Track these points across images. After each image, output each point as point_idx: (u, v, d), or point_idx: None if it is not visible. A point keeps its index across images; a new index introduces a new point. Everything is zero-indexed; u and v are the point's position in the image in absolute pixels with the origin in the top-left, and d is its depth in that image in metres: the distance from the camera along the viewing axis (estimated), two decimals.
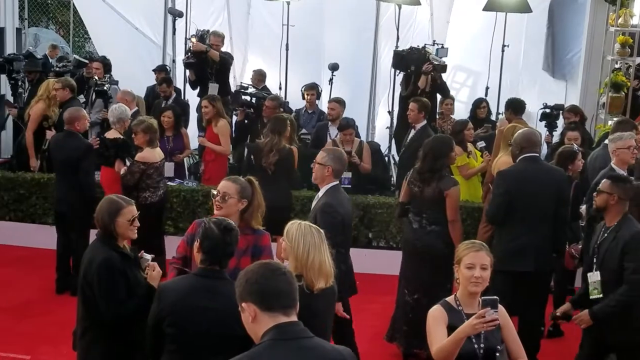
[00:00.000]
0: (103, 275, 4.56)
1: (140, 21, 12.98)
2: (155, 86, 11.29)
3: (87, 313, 4.70)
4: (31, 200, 9.46)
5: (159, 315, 4.14)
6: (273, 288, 3.02)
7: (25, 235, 9.39)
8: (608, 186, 5.57)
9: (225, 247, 4.16)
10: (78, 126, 7.97)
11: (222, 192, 4.95)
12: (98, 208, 4.77)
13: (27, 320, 7.49)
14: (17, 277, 8.56)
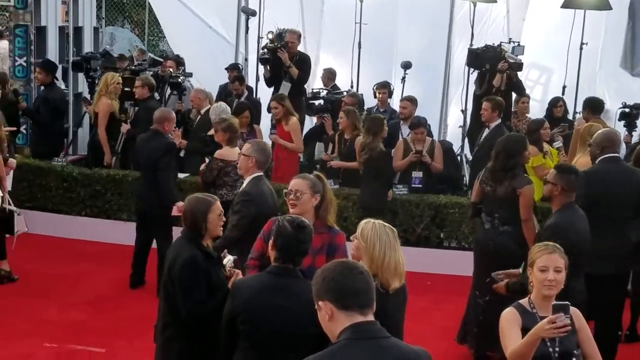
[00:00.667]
0: (186, 273, 4.59)
1: (214, 20, 13.10)
2: (228, 84, 11.37)
3: (168, 309, 4.74)
4: (106, 197, 9.63)
5: (232, 312, 4.15)
6: (350, 287, 2.98)
7: (100, 230, 9.56)
8: (553, 177, 5.71)
9: (298, 244, 4.15)
10: (167, 127, 8.02)
11: (294, 190, 4.95)
12: (186, 206, 4.81)
13: (102, 314, 7.62)
14: (92, 272, 8.72)
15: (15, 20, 10.52)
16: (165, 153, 7.99)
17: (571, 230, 5.49)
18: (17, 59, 10.71)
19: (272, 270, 4.18)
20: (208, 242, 4.83)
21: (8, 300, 7.74)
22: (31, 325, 7.25)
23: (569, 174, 5.72)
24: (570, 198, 5.69)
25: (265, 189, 6.06)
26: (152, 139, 8.04)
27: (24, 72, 10.73)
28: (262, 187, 6.04)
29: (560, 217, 5.64)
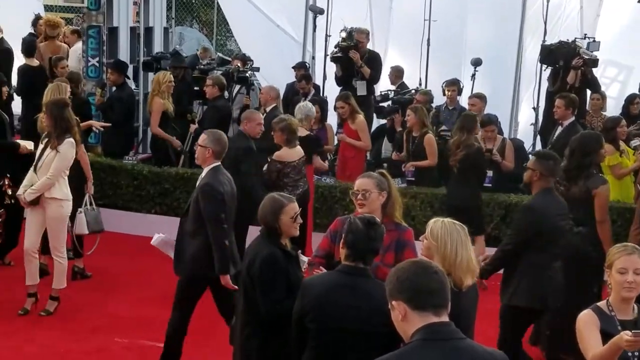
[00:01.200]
0: (265, 271, 4.61)
1: (282, 18, 13.13)
2: (295, 83, 11.38)
3: (247, 307, 4.76)
4: (175, 194, 9.72)
5: (301, 310, 4.14)
6: (424, 287, 2.92)
7: (169, 228, 9.62)
8: (532, 163, 5.98)
9: (369, 242, 4.10)
10: (246, 126, 7.98)
11: (361, 189, 4.90)
12: (261, 206, 4.84)
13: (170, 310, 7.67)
14: (162, 268, 8.76)
15: (88, 22, 10.71)
16: (245, 157, 7.93)
17: (538, 213, 5.73)
18: (89, 59, 10.89)
19: (342, 269, 4.14)
20: (286, 241, 4.84)
21: (81, 296, 7.86)
22: (103, 321, 7.36)
23: (547, 159, 5.95)
24: (549, 183, 5.91)
25: (224, 178, 6.15)
26: (233, 139, 8.00)
27: (96, 72, 10.92)
28: (220, 176, 6.11)
29: (534, 200, 5.94)
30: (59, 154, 7.06)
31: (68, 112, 7.16)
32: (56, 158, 7.06)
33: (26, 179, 7.25)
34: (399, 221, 5.01)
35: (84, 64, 11.02)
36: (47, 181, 7.06)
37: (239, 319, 4.87)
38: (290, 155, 7.94)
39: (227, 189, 6.10)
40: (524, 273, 5.80)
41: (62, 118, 7.06)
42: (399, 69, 11.88)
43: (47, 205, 7.14)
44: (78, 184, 7.77)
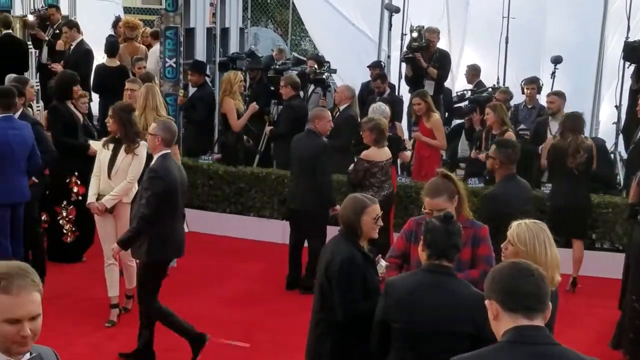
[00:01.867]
0: (344, 272, 4.59)
1: (357, 17, 13.08)
2: (370, 82, 11.31)
3: (321, 307, 4.76)
4: (250, 194, 9.77)
5: (385, 310, 4.12)
6: (518, 288, 2.88)
7: (244, 227, 9.72)
8: (493, 151, 6.23)
9: (449, 237, 4.07)
10: (318, 125, 7.96)
11: (436, 210, 4.74)
12: (342, 206, 4.83)
13: (247, 309, 7.71)
14: (237, 267, 8.87)
15: (166, 23, 10.83)
16: (321, 155, 7.92)
17: (500, 200, 5.90)
18: (167, 60, 11.00)
19: (426, 268, 4.12)
20: (364, 243, 4.80)
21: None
22: None
23: (507, 147, 6.20)
24: (510, 170, 6.17)
25: (172, 165, 6.28)
26: (305, 138, 8.04)
27: (173, 73, 11.03)
28: (169, 163, 6.23)
29: (497, 188, 6.17)
30: (137, 157, 7.10)
31: (135, 117, 7.23)
32: (134, 162, 7.10)
33: (93, 186, 7.22)
34: (472, 218, 4.97)
35: (162, 65, 11.16)
36: (128, 185, 7.11)
37: (313, 318, 4.86)
38: (379, 155, 7.87)
39: (174, 176, 6.25)
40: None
41: (130, 123, 7.10)
42: (476, 67, 11.69)
43: (123, 211, 7.13)
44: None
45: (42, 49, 12.28)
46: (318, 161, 7.90)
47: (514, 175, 6.22)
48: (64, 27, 11.63)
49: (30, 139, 7.42)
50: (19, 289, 2.57)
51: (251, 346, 6.91)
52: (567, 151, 8.05)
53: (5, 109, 7.28)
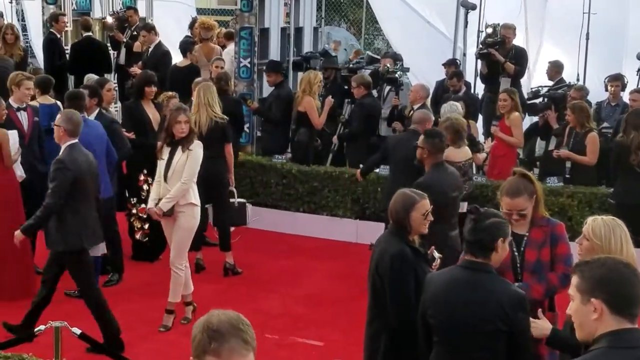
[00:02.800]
0: (395, 268, 4.57)
1: (432, 15, 12.92)
2: (445, 80, 11.16)
3: (375, 302, 4.75)
4: (324, 193, 9.73)
5: (423, 305, 4.13)
6: (628, 292, 2.84)
7: (317, 226, 9.68)
8: (421, 141, 6.53)
9: (474, 232, 3.99)
10: (427, 127, 7.71)
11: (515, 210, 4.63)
12: (392, 201, 4.78)
13: (321, 308, 7.68)
14: (310, 266, 8.84)
15: (241, 23, 10.89)
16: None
17: (433, 187, 5.96)
18: (241, 60, 11.08)
19: (463, 264, 4.09)
20: (414, 238, 4.77)
21: (232, 292, 8.00)
22: (253, 317, 7.32)
23: (434, 137, 6.48)
24: (438, 159, 6.47)
25: (79, 154, 6.38)
26: (409, 139, 7.72)
27: (247, 73, 11.10)
28: (75, 153, 6.35)
29: (429, 176, 6.41)
30: (191, 156, 6.90)
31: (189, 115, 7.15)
32: (188, 161, 6.88)
33: (153, 191, 7.14)
34: (548, 216, 4.84)
35: (236, 65, 11.23)
36: (183, 186, 6.88)
37: (368, 314, 4.86)
38: (456, 156, 7.70)
39: (81, 166, 6.34)
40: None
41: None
42: (559, 64, 11.38)
43: (180, 214, 6.94)
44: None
45: (120, 51, 12.51)
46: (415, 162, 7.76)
47: (442, 162, 6.58)
48: (142, 31, 11.82)
49: (104, 137, 7.58)
50: (231, 352, 2.39)
51: (324, 345, 6.87)
52: (629, 148, 7.85)
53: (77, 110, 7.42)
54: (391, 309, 4.56)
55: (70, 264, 6.54)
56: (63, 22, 11.56)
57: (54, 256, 6.55)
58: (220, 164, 8.28)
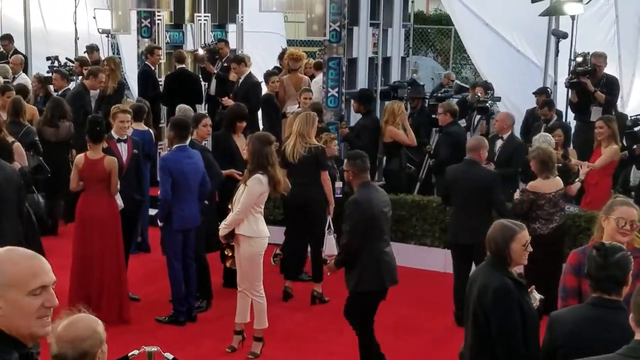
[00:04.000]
0: (499, 302, 4.48)
1: (522, 43, 12.81)
2: (535, 109, 11.02)
3: (478, 339, 4.63)
4: (411, 222, 9.68)
5: (551, 344, 4.01)
6: None
7: (404, 255, 9.60)
8: (345, 164, 6.82)
9: (602, 269, 3.88)
10: (482, 154, 7.79)
11: (629, 219, 4.58)
12: (490, 233, 4.69)
13: (406, 336, 7.64)
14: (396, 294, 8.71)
15: (329, 54, 11.02)
16: (495, 184, 7.68)
17: (363, 203, 6.42)
18: (329, 89, 11.20)
19: (591, 302, 3.96)
20: (513, 270, 4.66)
21: (319, 321, 8.01)
22: (339, 346, 7.42)
23: (355, 159, 6.66)
24: (363, 178, 6.64)
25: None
26: (469, 169, 7.77)
27: (335, 103, 11.21)
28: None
29: (358, 194, 6.58)
30: (247, 188, 6.91)
31: (269, 149, 7.03)
32: (244, 193, 6.93)
33: (226, 219, 7.23)
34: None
35: (324, 95, 11.36)
36: (235, 217, 6.96)
37: (468, 351, 4.73)
38: (546, 187, 7.58)
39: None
40: (364, 261, 6.49)
41: (260, 154, 6.92)
42: None
43: (239, 242, 7.04)
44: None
45: (211, 82, 12.80)
46: (492, 192, 7.65)
47: (368, 182, 6.79)
48: (232, 63, 12.08)
49: (202, 166, 7.74)
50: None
51: None
52: None
53: (181, 139, 7.67)
54: (498, 344, 4.47)
55: None
56: (158, 54, 11.91)
57: None
58: (314, 192, 8.33)
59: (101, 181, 7.69)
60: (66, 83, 11.72)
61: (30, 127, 9.51)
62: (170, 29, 12.73)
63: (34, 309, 2.56)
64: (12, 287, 2.55)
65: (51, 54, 13.82)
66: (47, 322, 2.63)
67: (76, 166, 7.71)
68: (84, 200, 7.77)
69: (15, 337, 2.58)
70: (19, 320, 2.56)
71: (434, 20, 19.76)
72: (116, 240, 7.83)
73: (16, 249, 2.70)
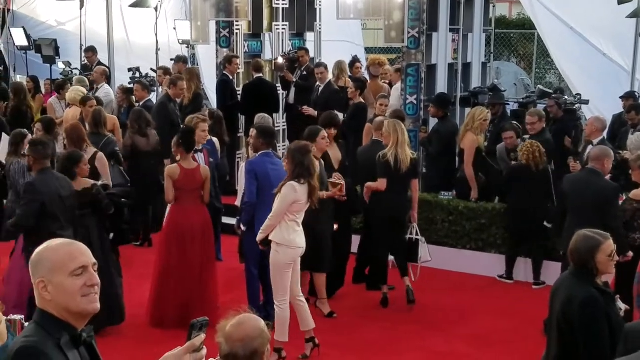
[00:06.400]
0: (587, 315, 4.39)
1: (608, 46, 12.41)
2: (622, 114, 10.65)
3: (563, 352, 4.53)
4: (491, 230, 9.44)
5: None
6: None
7: (485, 264, 9.40)
8: (27, 150, 7.25)
9: None
10: (606, 164, 7.43)
11: None
12: (574, 243, 4.61)
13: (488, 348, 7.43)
14: (477, 305, 8.56)
15: (408, 60, 10.88)
16: (613, 198, 7.35)
17: (43, 187, 6.83)
18: (407, 97, 11.07)
19: None
20: (599, 280, 4.55)
21: (399, 329, 7.88)
22: (420, 355, 7.31)
23: (37, 145, 7.08)
24: (44, 164, 7.01)
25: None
26: (589, 178, 7.42)
27: (414, 110, 11.06)
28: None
29: (35, 178, 7.00)
30: (280, 195, 6.83)
31: (310, 159, 6.92)
32: (277, 199, 6.87)
33: None
34: None
35: (402, 102, 11.22)
36: (267, 222, 6.93)
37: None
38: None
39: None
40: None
41: (302, 165, 6.83)
42: None
43: (271, 249, 6.97)
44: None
45: (290, 90, 12.83)
46: (609, 205, 7.28)
47: (48, 168, 7.07)
48: (320, 68, 12.07)
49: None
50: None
51: None
52: None
53: (267, 146, 7.69)
54: (584, 354, 4.36)
55: None
56: (236, 64, 11.98)
57: None
58: (404, 199, 8.33)
59: (195, 190, 7.75)
60: (147, 93, 11.90)
61: (111, 137, 9.66)
62: (249, 39, 12.80)
63: (77, 288, 2.79)
64: (56, 271, 2.79)
65: (132, 66, 14.11)
66: (93, 299, 2.83)
67: (170, 177, 7.64)
68: (178, 210, 7.74)
69: (65, 320, 2.80)
70: (67, 301, 2.79)
71: (517, 25, 19.35)
72: (212, 248, 7.95)
73: (56, 240, 2.97)
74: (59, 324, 2.77)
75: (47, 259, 2.83)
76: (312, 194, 6.86)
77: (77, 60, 15.13)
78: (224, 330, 3.22)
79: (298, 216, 6.91)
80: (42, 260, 2.83)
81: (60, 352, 2.72)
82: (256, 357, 3.15)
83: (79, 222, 7.16)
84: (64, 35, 16.58)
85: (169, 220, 7.85)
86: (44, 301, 2.80)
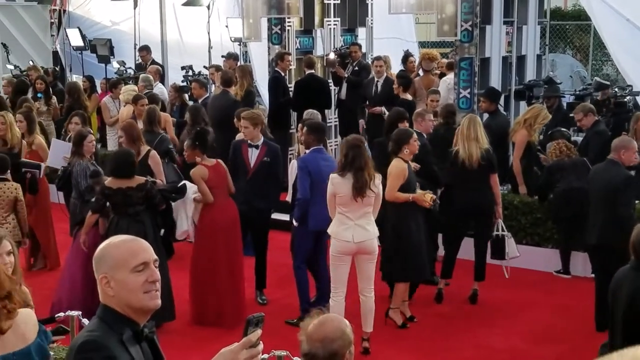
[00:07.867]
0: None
1: None
2: None
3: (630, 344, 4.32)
4: (547, 225, 9.29)
5: None
6: None
7: (542, 259, 9.26)
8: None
9: None
10: (623, 155, 7.38)
11: None
12: (634, 236, 4.55)
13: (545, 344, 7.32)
14: (535, 301, 8.44)
15: (461, 54, 10.76)
16: (626, 185, 7.32)
17: None
18: (461, 91, 10.95)
19: None
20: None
21: (454, 324, 7.81)
22: (475, 351, 7.23)
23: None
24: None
25: None
26: (609, 169, 7.42)
27: (467, 104, 10.92)
28: None
29: None
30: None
31: (360, 152, 6.89)
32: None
33: None
34: None
35: (455, 96, 11.11)
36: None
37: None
38: None
39: None
40: None
41: (345, 156, 6.85)
42: None
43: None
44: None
45: (342, 86, 12.80)
46: (622, 193, 7.29)
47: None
48: (379, 61, 12.03)
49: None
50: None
51: None
52: None
53: (317, 142, 7.70)
54: None
55: None
56: (288, 60, 11.99)
57: None
58: (485, 195, 8.17)
59: (223, 185, 7.84)
60: (205, 91, 11.99)
61: (165, 135, 9.74)
62: (300, 35, 12.80)
63: (139, 284, 2.79)
64: (118, 268, 2.80)
65: (185, 64, 14.24)
66: (154, 295, 2.83)
67: (203, 178, 7.68)
68: (212, 207, 7.76)
69: (127, 316, 2.81)
70: (129, 297, 2.80)
71: (573, 16, 18.99)
72: (240, 242, 7.98)
73: (118, 236, 2.98)
74: (121, 320, 2.79)
75: (109, 255, 2.84)
76: (361, 189, 6.78)
77: (131, 59, 15.34)
78: (306, 328, 3.22)
79: (345, 209, 6.88)
80: (105, 256, 2.85)
81: (123, 347, 2.74)
82: (336, 358, 3.12)
83: (134, 217, 7.24)
84: (118, 35, 16.82)
85: (206, 218, 7.82)
86: (107, 297, 2.83)
